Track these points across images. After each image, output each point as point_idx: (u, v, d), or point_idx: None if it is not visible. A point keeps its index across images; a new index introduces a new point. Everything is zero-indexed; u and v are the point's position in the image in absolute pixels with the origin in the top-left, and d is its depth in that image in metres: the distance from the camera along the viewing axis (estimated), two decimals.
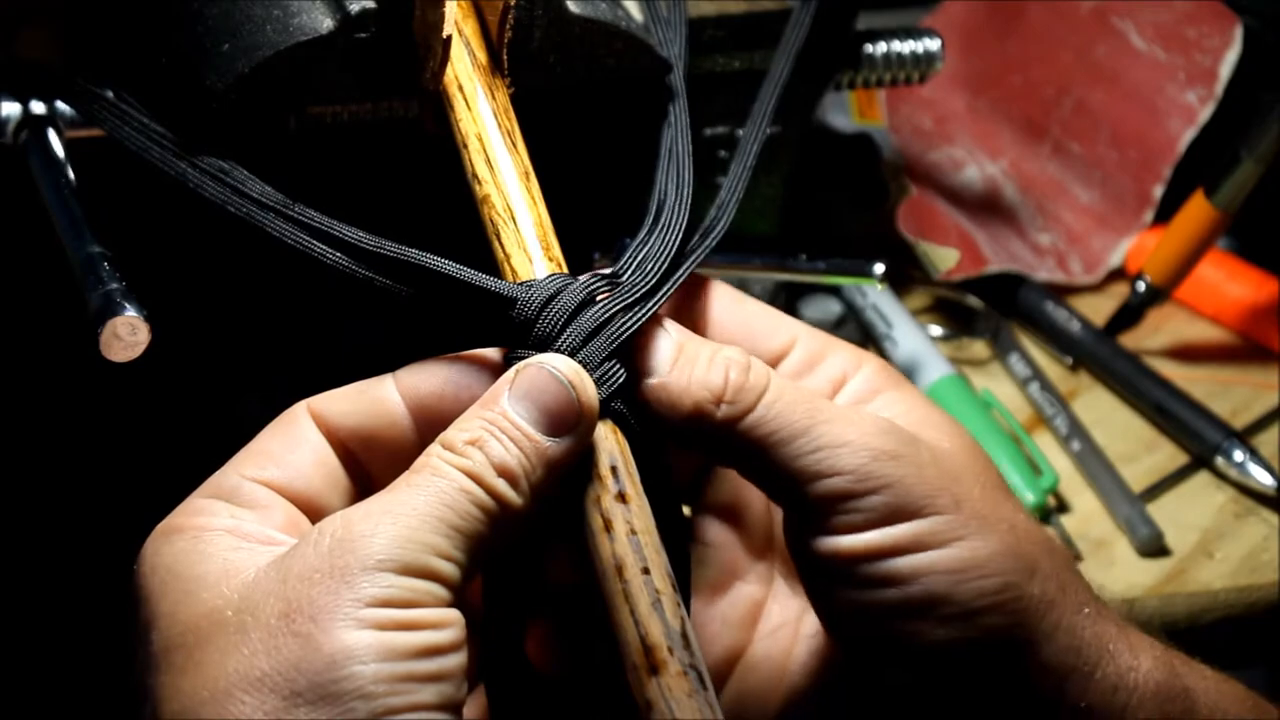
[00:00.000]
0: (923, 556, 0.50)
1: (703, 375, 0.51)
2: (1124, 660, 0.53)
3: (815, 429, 0.50)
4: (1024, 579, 0.51)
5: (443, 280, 0.51)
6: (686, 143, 0.61)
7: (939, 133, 1.07)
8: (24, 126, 0.61)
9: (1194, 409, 0.89)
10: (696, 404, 0.51)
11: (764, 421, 0.51)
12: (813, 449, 0.50)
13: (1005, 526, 0.52)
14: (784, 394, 0.51)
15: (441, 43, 0.56)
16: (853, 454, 0.50)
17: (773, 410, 0.51)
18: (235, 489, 0.48)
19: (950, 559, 0.50)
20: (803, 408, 0.51)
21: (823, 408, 0.51)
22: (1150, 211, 1.01)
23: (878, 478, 0.50)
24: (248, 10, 0.60)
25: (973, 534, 0.51)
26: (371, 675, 0.42)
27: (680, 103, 0.63)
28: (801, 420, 0.51)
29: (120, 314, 0.54)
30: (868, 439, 0.51)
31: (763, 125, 0.65)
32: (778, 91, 0.67)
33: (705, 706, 0.44)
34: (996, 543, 0.51)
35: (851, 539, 0.50)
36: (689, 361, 0.52)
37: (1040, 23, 1.06)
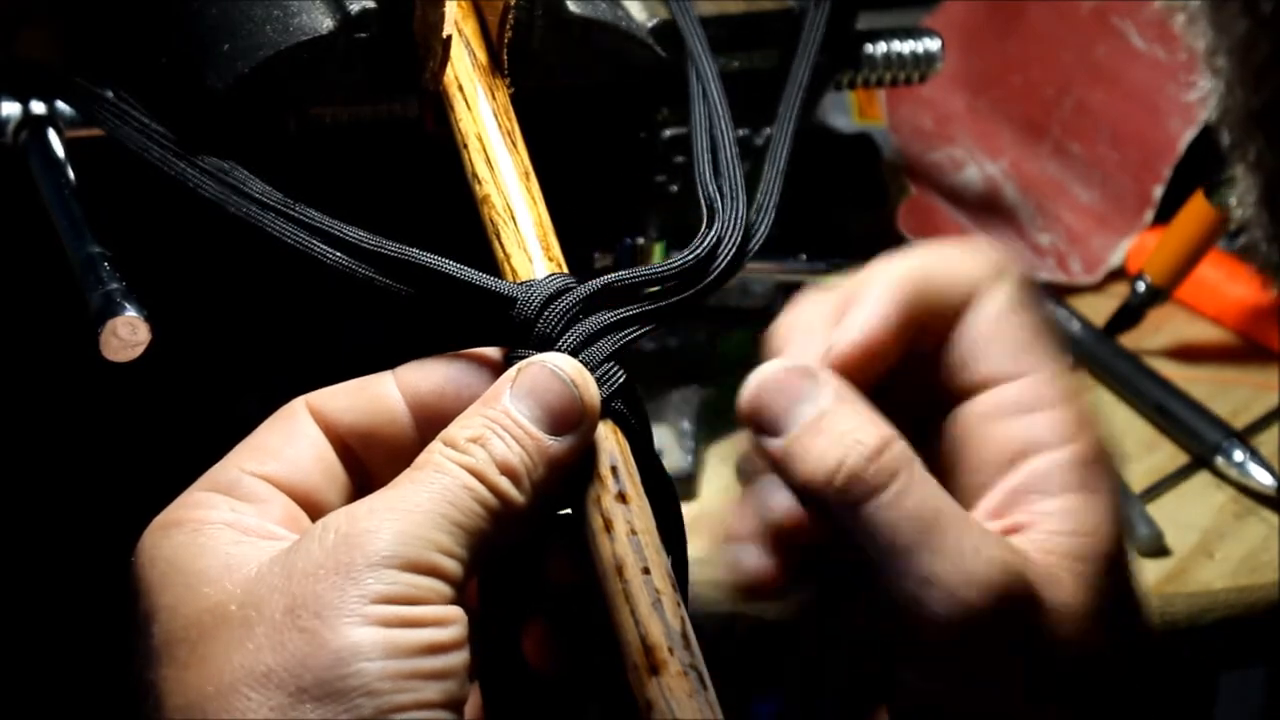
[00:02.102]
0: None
1: (834, 445, 0.49)
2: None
3: (935, 545, 0.48)
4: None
5: (443, 280, 0.51)
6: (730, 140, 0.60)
7: (939, 133, 1.07)
8: (24, 126, 0.61)
9: (1194, 409, 0.89)
10: (827, 474, 0.49)
11: (892, 507, 0.49)
12: (928, 567, 0.48)
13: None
14: (916, 483, 0.49)
15: (441, 43, 0.56)
16: (961, 587, 0.48)
17: (902, 496, 0.49)
18: (234, 483, 0.48)
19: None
20: (930, 503, 0.49)
21: (944, 506, 0.49)
22: (1150, 211, 1.01)
23: (972, 625, 0.48)
24: (248, 10, 0.60)
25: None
26: (377, 672, 0.42)
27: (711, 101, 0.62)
28: (928, 515, 0.49)
29: (120, 314, 0.54)
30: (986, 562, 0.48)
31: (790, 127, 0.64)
32: (801, 94, 0.66)
33: (706, 706, 0.44)
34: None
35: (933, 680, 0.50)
36: (816, 428, 0.50)
37: (1040, 23, 1.06)
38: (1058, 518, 0.52)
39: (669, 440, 0.81)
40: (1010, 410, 0.53)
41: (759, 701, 0.84)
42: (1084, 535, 0.52)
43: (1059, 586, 0.50)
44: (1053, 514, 0.52)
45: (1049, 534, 0.52)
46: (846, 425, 0.50)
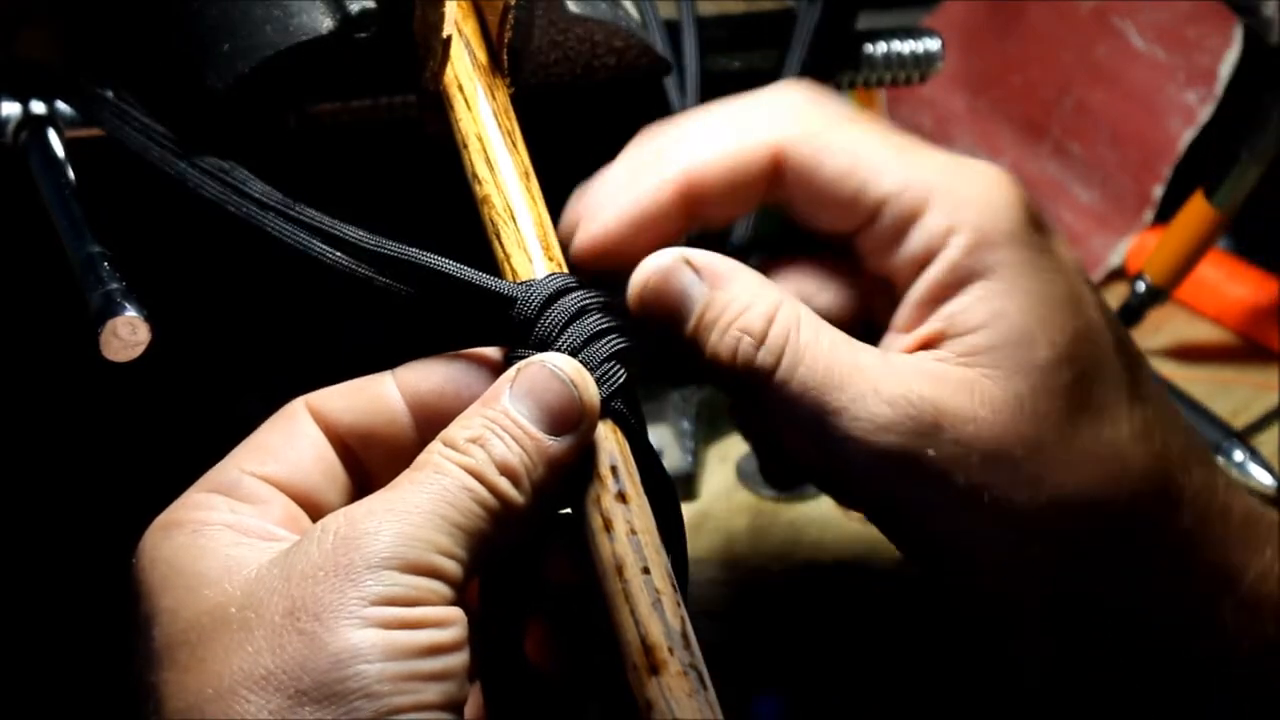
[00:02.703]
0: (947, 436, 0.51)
1: (731, 324, 0.52)
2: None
3: (834, 374, 0.51)
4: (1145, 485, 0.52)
5: (443, 279, 0.51)
6: None
7: (939, 133, 1.07)
8: (24, 126, 0.61)
9: (1194, 409, 0.89)
10: (731, 351, 0.52)
11: (788, 373, 0.51)
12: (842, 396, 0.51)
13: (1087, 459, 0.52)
14: (805, 348, 0.51)
15: (441, 43, 0.56)
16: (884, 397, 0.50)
17: (798, 354, 0.51)
18: (235, 483, 0.48)
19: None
20: (822, 353, 0.51)
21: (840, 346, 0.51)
22: (1150, 211, 1.01)
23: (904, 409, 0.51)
24: (248, 10, 0.60)
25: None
26: (376, 674, 0.42)
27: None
28: (824, 364, 0.51)
29: (120, 314, 0.54)
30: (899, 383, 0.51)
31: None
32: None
33: (705, 706, 0.44)
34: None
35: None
36: (715, 312, 0.52)
37: (1040, 23, 1.06)
38: (965, 314, 0.52)
39: (669, 440, 0.81)
40: (896, 226, 0.53)
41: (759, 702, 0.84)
42: (994, 321, 0.52)
43: (979, 388, 0.51)
44: (959, 312, 0.52)
45: (960, 334, 0.52)
46: (730, 312, 0.52)
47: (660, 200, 0.53)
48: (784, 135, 0.54)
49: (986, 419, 0.51)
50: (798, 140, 0.54)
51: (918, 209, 0.53)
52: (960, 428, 0.51)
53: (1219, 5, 0.99)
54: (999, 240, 0.52)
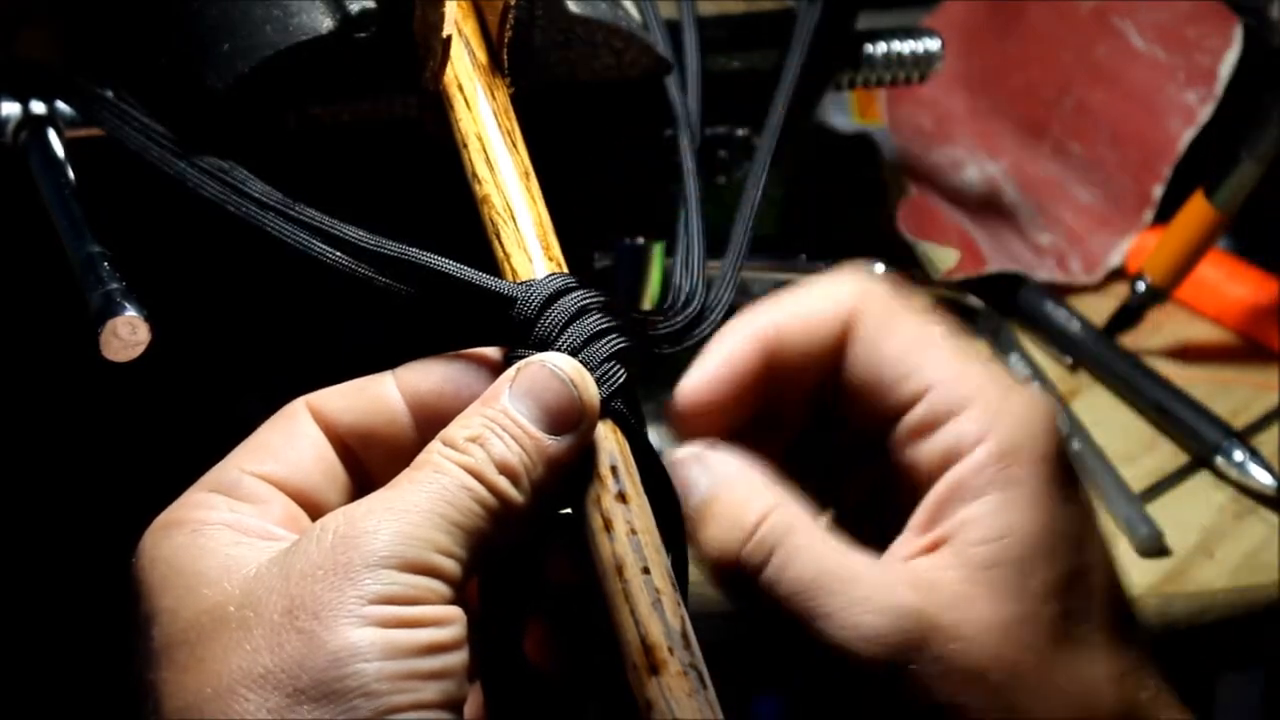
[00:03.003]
0: (933, 654, 0.49)
1: (726, 530, 0.51)
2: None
3: (828, 578, 0.50)
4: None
5: (443, 279, 0.51)
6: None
7: (939, 133, 1.07)
8: (24, 126, 0.61)
9: (1194, 409, 0.89)
10: (722, 551, 0.52)
11: (778, 573, 0.51)
12: (825, 613, 0.50)
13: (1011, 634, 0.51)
14: (797, 552, 0.51)
15: (441, 42, 0.56)
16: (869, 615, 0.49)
17: (790, 559, 0.51)
18: (234, 483, 0.48)
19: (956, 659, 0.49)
20: (815, 555, 0.51)
21: (830, 551, 0.51)
22: (1150, 211, 1.01)
23: (904, 627, 0.49)
24: (248, 10, 0.60)
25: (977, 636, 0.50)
26: (375, 673, 0.42)
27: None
28: (814, 566, 0.50)
29: (120, 314, 0.54)
30: (886, 597, 0.50)
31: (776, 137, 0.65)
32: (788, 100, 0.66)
33: (705, 706, 0.44)
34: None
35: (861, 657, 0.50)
36: (708, 516, 0.52)
37: (1040, 23, 1.06)
38: (975, 524, 0.51)
39: (669, 440, 0.81)
40: (932, 418, 0.53)
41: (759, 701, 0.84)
42: (1000, 539, 0.51)
43: (971, 605, 0.50)
44: (971, 520, 0.52)
45: (966, 544, 0.51)
46: (726, 507, 0.52)
47: (744, 354, 0.54)
48: (859, 305, 0.55)
49: (974, 639, 0.50)
50: (871, 312, 0.54)
51: (956, 407, 0.52)
52: (946, 644, 0.50)
53: (1219, 5, 0.99)
54: (1026, 459, 0.52)
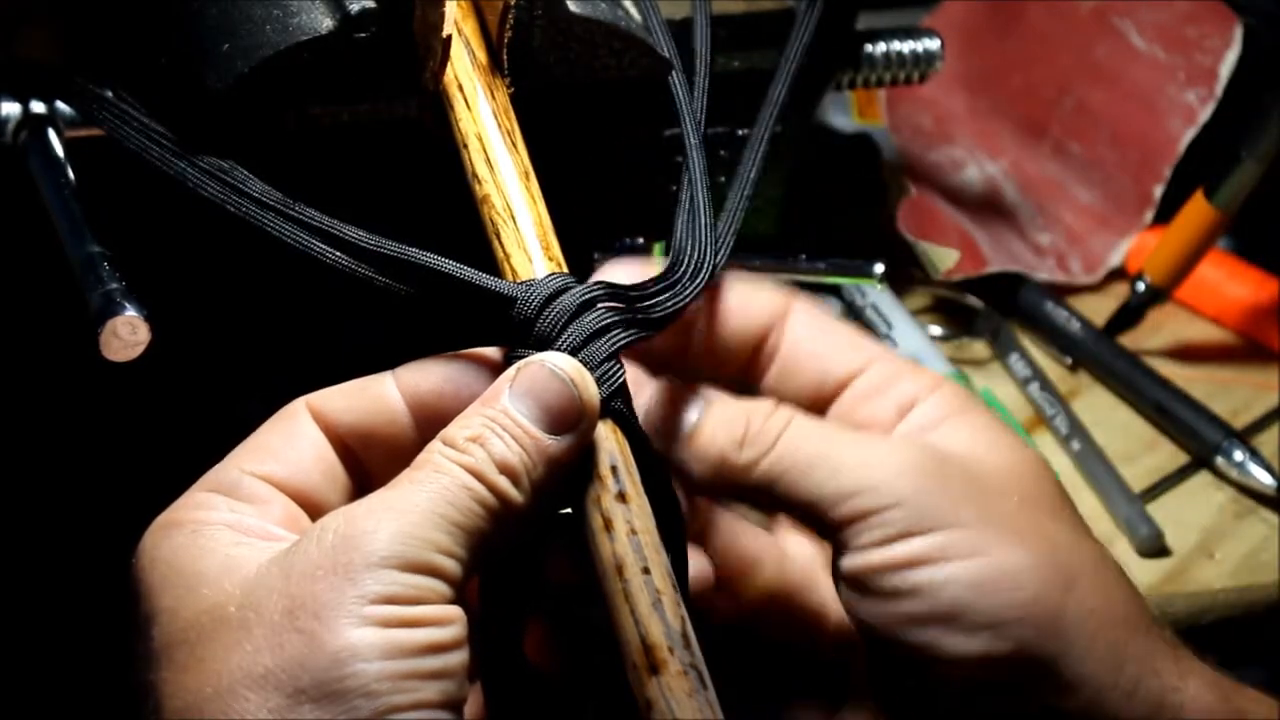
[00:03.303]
0: (945, 568, 0.50)
1: (726, 427, 0.52)
2: (1169, 680, 0.52)
3: (832, 455, 0.51)
4: (1059, 592, 0.51)
5: (443, 279, 0.51)
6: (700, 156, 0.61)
7: (939, 133, 1.07)
8: (24, 126, 0.61)
9: (1194, 409, 0.89)
10: (720, 453, 0.52)
11: (783, 457, 0.52)
12: (830, 474, 0.51)
13: (1042, 541, 0.52)
14: (800, 428, 0.52)
15: (441, 42, 0.56)
16: (874, 469, 0.51)
17: (790, 445, 0.52)
18: (235, 483, 0.48)
19: (974, 571, 0.50)
20: (818, 437, 0.52)
21: (837, 435, 0.52)
22: (1150, 211, 1.01)
23: (897, 491, 0.51)
24: (248, 10, 0.60)
25: (1001, 546, 0.51)
26: (375, 673, 0.42)
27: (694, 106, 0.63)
28: (819, 448, 0.52)
29: (120, 314, 0.54)
30: (889, 456, 0.51)
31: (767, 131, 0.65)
32: (782, 96, 0.66)
33: (705, 706, 0.44)
34: (1028, 556, 0.51)
35: (874, 553, 0.51)
36: (706, 418, 0.53)
37: (1040, 23, 1.06)
38: (951, 435, 0.54)
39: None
40: (881, 382, 0.55)
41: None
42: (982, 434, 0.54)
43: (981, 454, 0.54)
44: (946, 434, 0.54)
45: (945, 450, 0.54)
46: (732, 406, 0.53)
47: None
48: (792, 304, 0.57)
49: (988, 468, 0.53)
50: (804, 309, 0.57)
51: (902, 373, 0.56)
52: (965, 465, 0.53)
53: (1219, 5, 0.99)
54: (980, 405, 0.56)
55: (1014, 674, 0.51)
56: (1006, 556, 0.51)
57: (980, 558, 0.50)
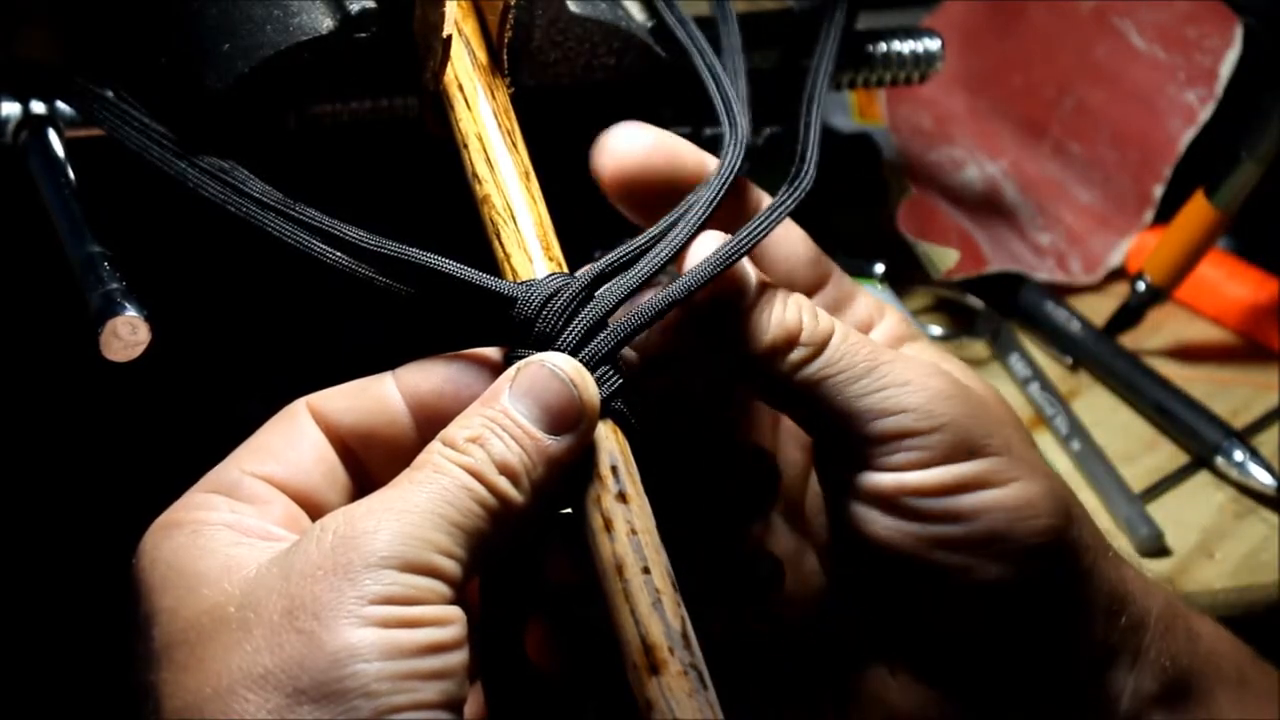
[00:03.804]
0: (986, 494, 0.51)
1: (779, 316, 0.52)
2: (1142, 602, 0.55)
3: (879, 369, 0.52)
4: (1067, 522, 0.53)
5: (443, 279, 0.51)
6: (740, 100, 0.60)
7: (939, 133, 1.07)
8: (24, 126, 0.61)
9: (1194, 409, 0.89)
10: (773, 342, 0.52)
11: (832, 363, 0.52)
12: (878, 388, 0.52)
13: (1041, 470, 0.53)
14: (849, 337, 0.53)
15: (441, 42, 0.56)
16: (916, 393, 0.52)
17: (839, 352, 0.52)
18: (235, 483, 0.48)
19: (1010, 498, 0.51)
20: (865, 350, 0.53)
21: (883, 351, 0.53)
22: (1150, 211, 1.01)
23: (940, 415, 0.51)
24: (248, 10, 0.60)
25: (1025, 475, 0.52)
26: (375, 673, 0.42)
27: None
28: (865, 361, 0.52)
29: (120, 314, 0.54)
30: (928, 379, 0.52)
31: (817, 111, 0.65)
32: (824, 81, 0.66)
33: (706, 706, 0.44)
34: (1044, 485, 0.53)
35: (917, 475, 0.51)
36: (767, 302, 0.53)
37: (1040, 23, 1.06)
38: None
39: None
40: (833, 310, 0.56)
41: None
42: (944, 362, 0.56)
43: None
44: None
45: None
46: (782, 293, 0.53)
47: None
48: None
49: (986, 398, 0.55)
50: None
51: (852, 293, 0.58)
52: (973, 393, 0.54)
53: (1219, 5, 0.99)
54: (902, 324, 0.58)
55: (1035, 598, 0.52)
56: (1030, 485, 0.52)
57: (1013, 485, 0.52)
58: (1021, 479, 0.52)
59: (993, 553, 0.51)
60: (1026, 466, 0.53)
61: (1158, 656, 0.55)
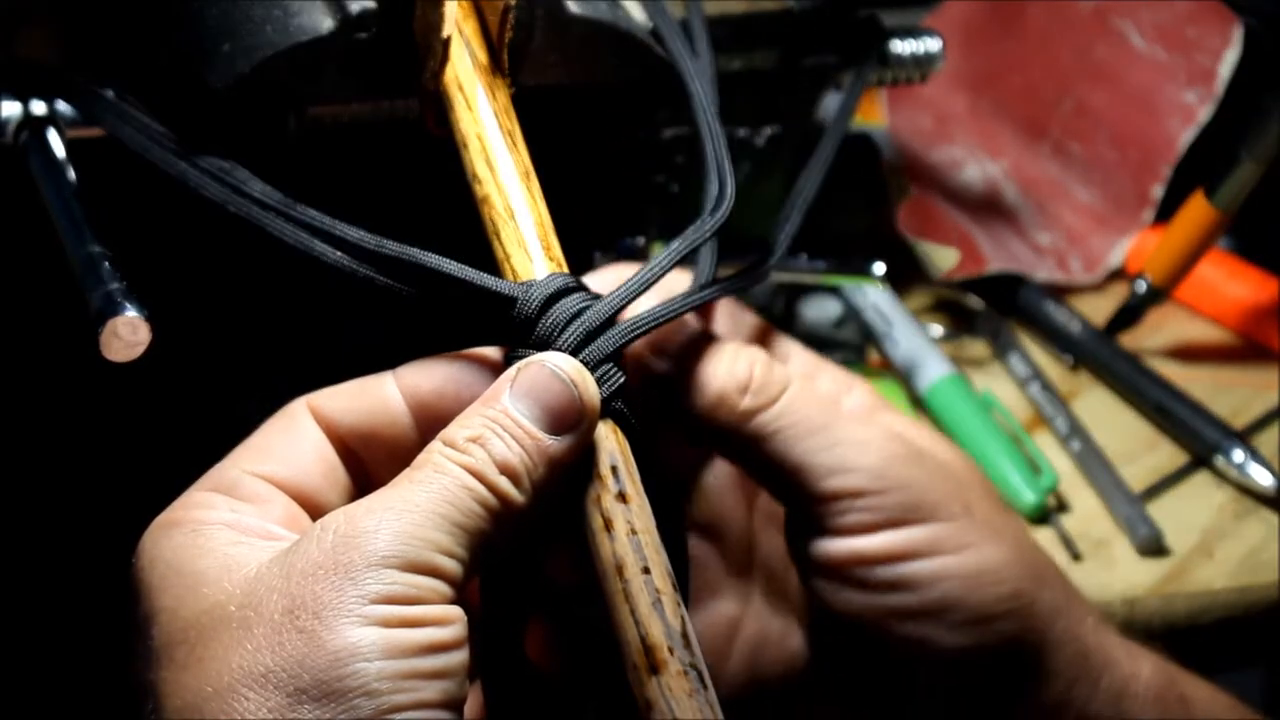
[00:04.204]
0: (938, 561, 0.50)
1: (729, 367, 0.52)
2: (1126, 668, 0.54)
3: (833, 427, 0.52)
4: (1034, 586, 0.52)
5: (444, 279, 0.51)
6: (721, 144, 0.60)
7: (939, 133, 1.07)
8: (24, 126, 0.61)
9: (1194, 409, 0.89)
10: (721, 393, 0.51)
11: (783, 415, 0.52)
12: (830, 445, 0.51)
13: (1010, 536, 0.52)
14: (804, 392, 0.52)
15: (441, 42, 0.56)
16: (869, 453, 0.51)
17: (793, 405, 0.52)
18: (235, 483, 0.48)
19: (965, 565, 0.51)
20: (820, 406, 0.52)
21: (839, 410, 0.52)
22: (1150, 211, 1.01)
23: (893, 477, 0.51)
24: (248, 10, 0.60)
25: (985, 541, 0.51)
26: (376, 672, 0.42)
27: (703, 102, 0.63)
28: (819, 417, 0.52)
29: (120, 314, 0.54)
30: (884, 443, 0.51)
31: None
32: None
33: (705, 706, 0.44)
34: (1007, 550, 0.52)
35: (865, 540, 0.51)
36: (715, 354, 0.52)
37: (1040, 23, 1.06)
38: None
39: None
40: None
41: None
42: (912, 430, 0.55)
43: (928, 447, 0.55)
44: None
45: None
46: (733, 345, 0.53)
47: None
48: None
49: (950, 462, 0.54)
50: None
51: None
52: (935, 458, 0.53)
53: (1219, 5, 0.99)
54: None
55: (996, 666, 0.51)
56: (989, 551, 0.51)
57: (969, 551, 0.51)
58: (978, 544, 0.51)
59: (948, 622, 0.50)
60: (989, 531, 0.52)
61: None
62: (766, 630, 0.57)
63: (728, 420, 0.52)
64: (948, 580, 0.50)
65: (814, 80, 0.77)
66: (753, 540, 0.58)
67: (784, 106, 0.74)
